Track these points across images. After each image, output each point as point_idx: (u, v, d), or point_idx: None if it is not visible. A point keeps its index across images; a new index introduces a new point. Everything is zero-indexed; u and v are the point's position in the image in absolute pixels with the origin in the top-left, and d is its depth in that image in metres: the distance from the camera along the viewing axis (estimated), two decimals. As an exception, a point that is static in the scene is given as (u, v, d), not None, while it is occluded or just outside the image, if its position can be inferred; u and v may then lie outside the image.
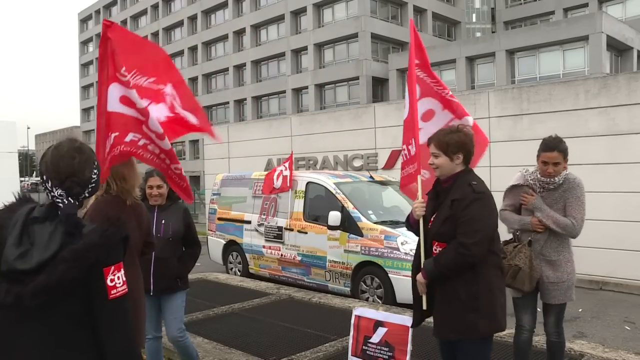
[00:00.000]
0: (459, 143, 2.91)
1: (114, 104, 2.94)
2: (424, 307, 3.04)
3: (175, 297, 3.92)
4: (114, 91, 2.94)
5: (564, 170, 3.56)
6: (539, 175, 3.60)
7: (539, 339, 4.95)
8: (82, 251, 1.56)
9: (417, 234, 3.17)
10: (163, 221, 3.86)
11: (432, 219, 3.04)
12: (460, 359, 2.96)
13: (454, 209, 2.84)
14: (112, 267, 1.62)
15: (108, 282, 1.61)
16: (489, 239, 2.84)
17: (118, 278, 1.63)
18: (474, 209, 2.79)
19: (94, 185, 1.77)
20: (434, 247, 2.97)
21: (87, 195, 1.75)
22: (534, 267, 3.50)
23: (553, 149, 3.48)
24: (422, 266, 3.02)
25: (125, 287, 1.66)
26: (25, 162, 79.28)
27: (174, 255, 3.91)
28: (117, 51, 2.95)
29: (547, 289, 3.57)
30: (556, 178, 3.53)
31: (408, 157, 3.65)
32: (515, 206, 3.75)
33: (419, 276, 3.00)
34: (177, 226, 3.92)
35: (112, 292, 1.61)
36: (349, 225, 7.48)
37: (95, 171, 1.77)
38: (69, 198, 1.69)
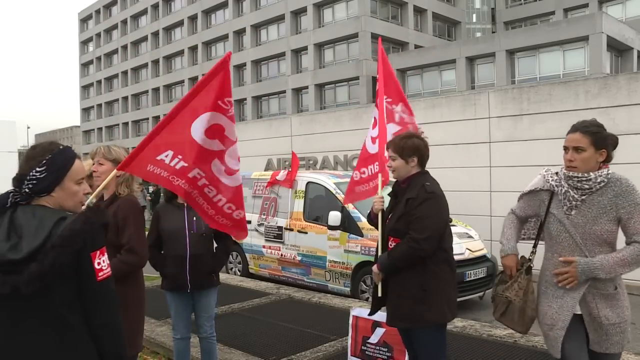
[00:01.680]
0: (414, 147, 3.15)
1: (197, 134, 2.95)
2: (379, 295, 3.26)
3: (209, 293, 3.95)
4: (204, 120, 2.95)
5: (604, 168, 2.62)
6: (564, 171, 2.67)
7: (539, 339, 4.95)
8: (70, 237, 1.66)
9: (378, 228, 3.42)
10: (194, 218, 3.84)
11: (389, 216, 3.28)
12: (416, 346, 3.18)
13: (407, 207, 3.07)
14: (98, 252, 1.74)
15: (95, 265, 1.73)
16: (439, 236, 3.03)
17: (103, 261, 1.76)
18: (425, 208, 3.01)
19: (34, 182, 1.77)
20: (390, 242, 3.19)
21: (27, 191, 1.77)
22: (529, 302, 2.80)
23: (576, 129, 2.61)
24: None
25: (109, 269, 1.79)
26: (25, 162, 79.20)
27: (208, 251, 3.94)
28: (227, 85, 2.98)
29: (606, 334, 2.62)
30: (591, 174, 2.57)
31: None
32: (527, 216, 2.95)
33: (374, 267, 3.23)
34: None
35: (100, 274, 1.74)
36: (349, 225, 7.48)
37: (38, 170, 1.77)
38: (12, 189, 1.80)
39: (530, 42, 27.18)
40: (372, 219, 3.55)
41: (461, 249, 6.93)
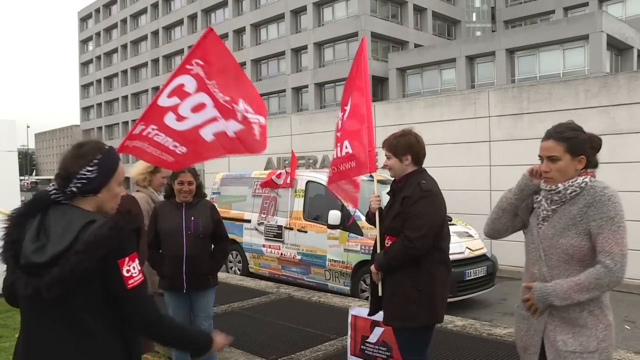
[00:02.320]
0: (407, 145, 3.14)
1: (163, 98, 3.10)
2: (380, 294, 3.25)
3: (206, 293, 3.92)
4: (173, 84, 3.10)
5: (585, 175, 2.28)
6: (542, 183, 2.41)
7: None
8: (94, 243, 1.61)
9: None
10: (192, 218, 3.82)
11: (386, 215, 3.28)
12: (399, 344, 3.22)
13: (403, 205, 3.07)
14: (127, 259, 1.68)
15: (124, 273, 1.67)
16: (434, 235, 3.01)
17: (133, 268, 1.70)
18: (420, 206, 3.00)
19: (84, 182, 1.73)
20: (386, 241, 3.20)
21: (74, 190, 1.73)
22: None
23: (549, 136, 2.36)
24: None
25: (141, 275, 1.73)
26: (25, 161, 79.22)
27: (205, 252, 3.91)
28: (201, 50, 3.13)
29: None
30: (560, 185, 2.28)
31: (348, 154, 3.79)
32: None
33: (372, 267, 3.23)
34: (207, 222, 3.88)
35: (130, 282, 1.69)
36: (348, 224, 7.48)
37: (89, 169, 1.73)
38: (54, 186, 1.76)
39: (530, 41, 27.17)
40: (370, 217, 3.54)
41: (461, 247, 6.93)
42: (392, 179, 3.35)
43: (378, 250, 3.29)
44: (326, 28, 36.78)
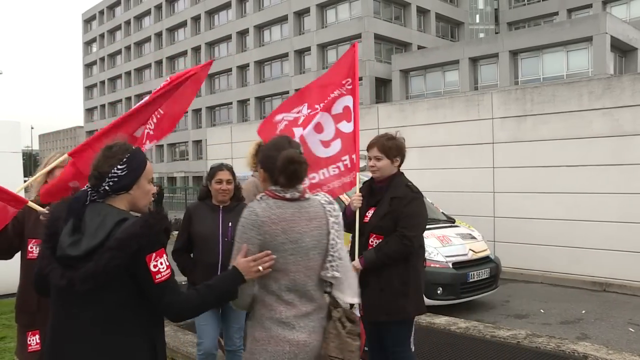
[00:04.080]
0: (399, 148, 3.33)
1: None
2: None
3: None
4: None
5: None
6: None
7: (542, 340, 4.94)
8: (126, 240, 1.69)
9: (348, 226, 3.32)
10: (230, 224, 3.49)
11: (367, 214, 3.35)
12: (387, 340, 3.23)
13: (393, 205, 3.20)
14: (154, 254, 1.76)
15: (151, 268, 1.75)
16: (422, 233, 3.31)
17: (161, 264, 1.77)
18: (414, 206, 3.20)
19: (115, 180, 1.84)
20: (371, 239, 3.28)
21: (107, 188, 1.83)
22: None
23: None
24: (357, 255, 3.30)
25: (169, 270, 1.80)
26: (29, 162, 79.47)
27: None
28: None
29: None
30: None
31: (349, 167, 3.81)
32: None
33: (356, 262, 3.22)
34: None
35: (157, 277, 1.76)
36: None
37: (119, 167, 1.84)
38: (90, 187, 1.86)
39: (534, 42, 27.16)
40: (347, 215, 3.41)
41: (464, 250, 6.92)
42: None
43: (357, 247, 3.33)
44: (329, 30, 36.85)
